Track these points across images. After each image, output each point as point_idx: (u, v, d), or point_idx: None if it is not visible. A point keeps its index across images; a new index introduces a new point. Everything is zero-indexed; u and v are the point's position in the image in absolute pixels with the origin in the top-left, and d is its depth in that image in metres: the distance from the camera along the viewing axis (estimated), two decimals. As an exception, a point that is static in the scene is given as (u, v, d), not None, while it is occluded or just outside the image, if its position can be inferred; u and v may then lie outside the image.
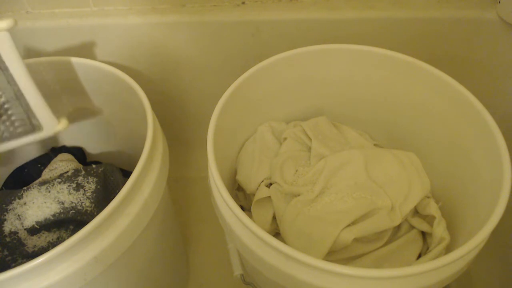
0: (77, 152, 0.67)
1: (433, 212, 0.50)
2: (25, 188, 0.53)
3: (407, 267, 0.34)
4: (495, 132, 0.44)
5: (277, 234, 0.53)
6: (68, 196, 0.51)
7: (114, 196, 0.41)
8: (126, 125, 0.64)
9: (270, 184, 0.55)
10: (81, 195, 0.52)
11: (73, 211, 0.50)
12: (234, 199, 0.41)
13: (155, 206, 0.48)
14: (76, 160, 0.62)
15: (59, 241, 0.50)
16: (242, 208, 0.58)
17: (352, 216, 0.48)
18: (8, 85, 0.43)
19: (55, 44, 0.66)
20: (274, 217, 0.53)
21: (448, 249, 0.48)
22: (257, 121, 0.61)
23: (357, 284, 0.36)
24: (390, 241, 0.51)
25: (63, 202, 0.51)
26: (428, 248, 0.50)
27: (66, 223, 0.51)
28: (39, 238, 0.50)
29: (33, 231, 0.50)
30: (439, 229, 0.49)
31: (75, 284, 0.41)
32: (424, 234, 0.52)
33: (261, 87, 0.56)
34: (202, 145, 0.47)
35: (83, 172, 0.54)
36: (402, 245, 0.50)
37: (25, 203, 0.51)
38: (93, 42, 0.66)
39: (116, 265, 0.44)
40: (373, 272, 0.35)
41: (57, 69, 0.57)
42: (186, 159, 0.88)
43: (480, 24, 0.62)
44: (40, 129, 0.48)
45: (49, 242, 0.50)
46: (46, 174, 0.58)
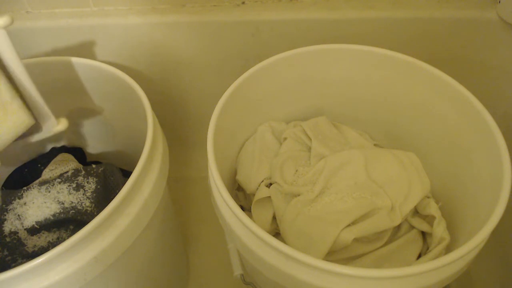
0: (77, 152, 0.67)
1: (433, 212, 0.50)
2: (25, 188, 0.53)
3: (407, 267, 0.34)
4: (495, 132, 0.44)
5: (277, 234, 0.53)
6: (68, 196, 0.51)
7: (114, 196, 0.41)
8: (126, 125, 0.64)
9: (270, 184, 0.55)
10: (81, 195, 0.52)
11: (73, 211, 0.50)
12: (234, 199, 0.41)
13: (155, 206, 0.48)
14: (76, 160, 0.62)
15: (59, 241, 0.50)
16: (242, 208, 0.58)
17: (352, 216, 0.48)
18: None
19: (55, 44, 0.66)
20: (274, 217, 0.53)
21: (448, 249, 0.48)
22: (257, 121, 0.61)
23: (357, 284, 0.36)
24: (390, 241, 0.51)
25: (63, 202, 0.51)
26: (428, 248, 0.50)
27: (66, 223, 0.51)
28: (39, 238, 0.50)
29: (33, 231, 0.50)
30: (439, 229, 0.49)
31: (75, 284, 0.41)
32: (424, 234, 0.52)
33: (261, 87, 0.56)
34: (202, 145, 0.47)
35: (83, 172, 0.54)
36: (402, 245, 0.50)
37: (25, 203, 0.51)
38: (93, 42, 0.66)
39: (116, 265, 0.44)
40: (373, 272, 0.35)
41: (57, 69, 0.57)
42: (186, 159, 0.88)
43: (480, 24, 0.62)
44: (39, 130, 0.47)
45: (49, 242, 0.50)
46: (46, 174, 0.58)
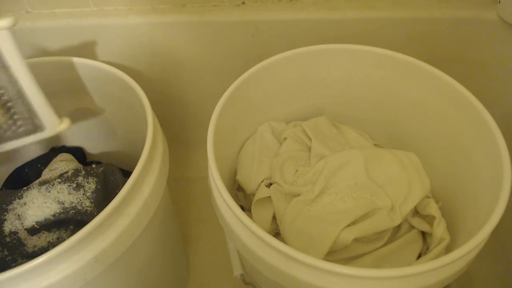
0: (77, 152, 0.67)
1: (433, 212, 0.50)
2: (25, 188, 0.53)
3: (407, 267, 0.34)
4: (495, 132, 0.44)
5: (277, 234, 0.53)
6: (68, 196, 0.51)
7: (114, 196, 0.41)
8: (126, 125, 0.64)
9: (270, 184, 0.55)
10: (81, 195, 0.52)
11: (73, 211, 0.50)
12: (234, 199, 0.41)
13: (155, 206, 0.48)
14: (76, 160, 0.62)
15: (59, 241, 0.50)
16: (242, 208, 0.58)
17: (352, 216, 0.48)
18: (10, 85, 0.43)
19: (55, 44, 0.66)
20: (274, 217, 0.53)
21: (448, 249, 0.48)
22: (257, 121, 0.61)
23: (357, 284, 0.36)
24: (390, 241, 0.51)
25: (63, 202, 0.51)
26: (428, 248, 0.50)
27: (66, 223, 0.51)
28: (39, 238, 0.50)
29: (33, 231, 0.50)
30: (439, 229, 0.49)
31: (75, 284, 0.41)
32: (424, 234, 0.52)
33: (261, 87, 0.56)
34: (202, 145, 0.47)
35: (83, 172, 0.54)
36: (402, 245, 0.50)
37: (25, 203, 0.51)
38: (93, 42, 0.66)
39: (116, 265, 0.44)
40: (373, 272, 0.35)
41: (57, 69, 0.57)
42: (186, 159, 0.88)
43: (480, 24, 0.62)
44: (42, 129, 0.48)
45: (49, 242, 0.50)
46: (46, 174, 0.57)
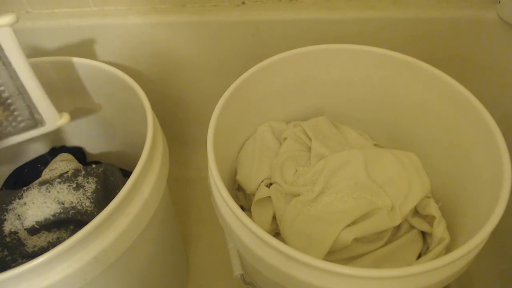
0: (77, 152, 0.67)
1: (433, 212, 0.50)
2: (25, 188, 0.53)
3: (407, 267, 0.34)
4: (495, 132, 0.44)
5: (277, 234, 0.53)
6: (68, 196, 0.51)
7: (114, 196, 0.41)
8: (126, 125, 0.64)
9: (270, 184, 0.55)
10: (81, 195, 0.52)
11: (73, 211, 0.50)
12: (234, 199, 0.41)
13: (155, 206, 0.48)
14: (76, 160, 0.62)
15: (59, 241, 0.50)
16: (242, 208, 0.58)
17: (352, 216, 0.48)
18: (11, 80, 0.43)
19: (55, 44, 0.66)
20: (274, 217, 0.53)
21: (448, 249, 0.48)
22: (257, 121, 0.61)
23: (357, 284, 0.36)
24: (390, 241, 0.51)
25: (63, 202, 0.51)
26: (428, 248, 0.50)
27: (66, 223, 0.51)
28: (39, 238, 0.50)
29: (33, 231, 0.50)
30: (439, 229, 0.49)
31: (75, 284, 0.41)
32: (424, 234, 0.52)
33: (261, 87, 0.56)
34: (202, 145, 0.47)
35: (83, 172, 0.54)
36: (402, 245, 0.50)
37: (25, 203, 0.51)
38: (93, 42, 0.66)
39: (116, 265, 0.44)
40: (373, 272, 0.35)
41: (57, 69, 0.57)
42: (186, 159, 0.88)
43: (480, 24, 0.62)
44: (43, 124, 0.48)
45: (49, 242, 0.50)
46: (46, 174, 0.57)
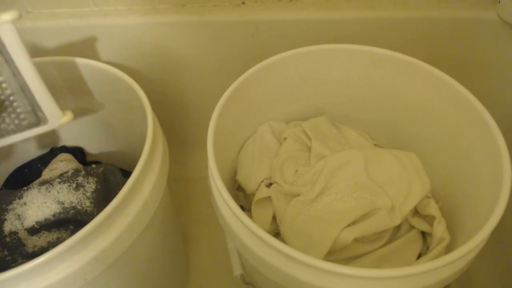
0: (77, 152, 0.67)
1: (433, 212, 0.50)
2: (25, 188, 0.53)
3: (407, 267, 0.34)
4: (495, 132, 0.44)
5: (277, 234, 0.53)
6: (68, 196, 0.51)
7: (114, 196, 0.41)
8: (126, 125, 0.63)
9: (270, 184, 0.55)
10: (81, 195, 0.52)
11: (73, 211, 0.50)
12: (234, 199, 0.41)
13: (155, 206, 0.48)
14: (76, 160, 0.62)
15: (59, 241, 0.50)
16: (242, 208, 0.58)
17: (352, 216, 0.48)
18: (14, 78, 0.43)
19: (55, 44, 0.66)
20: (274, 217, 0.53)
21: (448, 249, 0.48)
22: (257, 121, 0.61)
23: (357, 284, 0.36)
24: (390, 241, 0.51)
25: (63, 202, 0.51)
26: (428, 248, 0.50)
27: (66, 223, 0.51)
28: (39, 238, 0.50)
29: (33, 231, 0.50)
30: (439, 229, 0.49)
31: (75, 284, 0.41)
32: (424, 234, 0.52)
33: (261, 87, 0.56)
34: (202, 145, 0.47)
35: (83, 172, 0.54)
36: (402, 245, 0.50)
37: (25, 203, 0.51)
38: (93, 42, 0.66)
39: (116, 265, 0.44)
40: (373, 272, 0.35)
41: (57, 69, 0.57)
42: (186, 159, 0.88)
43: (480, 24, 0.62)
44: (46, 122, 0.48)
45: (49, 242, 0.50)
46: (46, 174, 0.57)
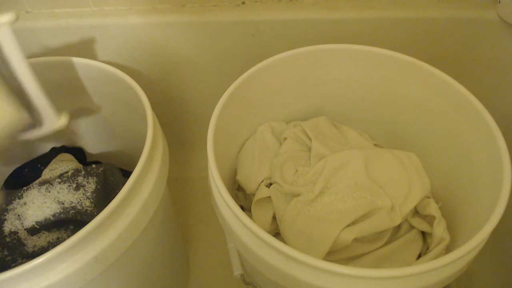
0: (77, 152, 0.67)
1: (433, 212, 0.50)
2: (25, 188, 0.53)
3: (407, 267, 0.34)
4: (495, 132, 0.44)
5: (277, 234, 0.53)
6: (68, 196, 0.51)
7: (114, 196, 0.41)
8: (126, 125, 0.64)
9: (270, 184, 0.55)
10: (81, 195, 0.52)
11: (73, 211, 0.50)
12: (234, 199, 0.41)
13: (155, 206, 0.48)
14: (76, 160, 0.62)
15: (59, 241, 0.50)
16: (242, 208, 0.58)
17: (352, 216, 0.48)
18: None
19: (55, 44, 0.66)
20: (274, 217, 0.53)
21: (448, 249, 0.48)
22: (257, 121, 0.61)
23: (357, 284, 0.36)
24: (390, 241, 0.51)
25: (63, 202, 0.51)
26: (428, 248, 0.50)
27: (66, 223, 0.51)
28: (39, 238, 0.50)
29: (33, 231, 0.50)
30: (439, 229, 0.49)
31: (75, 284, 0.41)
32: (424, 234, 0.52)
33: (261, 87, 0.56)
34: (202, 145, 0.47)
35: (83, 172, 0.54)
36: (402, 245, 0.50)
37: (25, 203, 0.51)
38: (93, 42, 0.66)
39: (116, 265, 0.44)
40: (373, 272, 0.35)
41: (57, 69, 0.57)
42: (186, 159, 0.88)
43: (480, 24, 0.62)
44: (42, 125, 0.48)
45: (49, 242, 0.50)
46: (46, 174, 0.57)
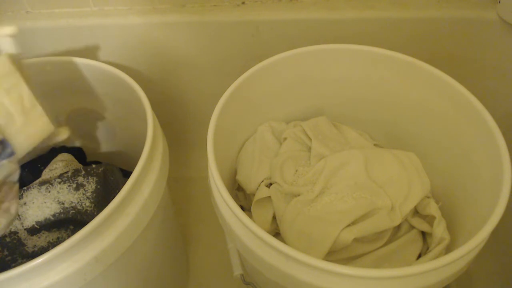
0: (77, 152, 0.67)
1: (433, 212, 0.50)
2: (25, 188, 0.53)
3: (407, 267, 0.34)
4: (495, 132, 0.44)
5: (277, 234, 0.53)
6: (68, 196, 0.51)
7: (114, 196, 0.42)
8: (126, 125, 0.64)
9: (270, 184, 0.55)
10: (81, 195, 0.52)
11: (73, 211, 0.50)
12: (234, 199, 0.41)
13: (155, 206, 0.48)
14: (76, 160, 0.62)
15: (59, 241, 0.50)
16: (242, 208, 0.58)
17: (352, 216, 0.48)
18: None
19: (55, 44, 0.66)
20: (274, 217, 0.53)
21: (448, 249, 0.48)
22: (257, 121, 0.61)
23: (357, 284, 0.36)
24: (390, 241, 0.51)
25: (63, 202, 0.51)
26: (428, 248, 0.50)
27: (66, 223, 0.51)
28: (39, 238, 0.50)
29: (33, 231, 0.50)
30: (439, 229, 0.49)
31: (75, 284, 0.41)
32: (424, 234, 0.52)
33: (261, 87, 0.56)
34: (202, 145, 0.47)
35: (83, 172, 0.54)
36: (402, 245, 0.50)
37: (25, 203, 0.51)
38: (93, 42, 0.66)
39: (116, 265, 0.44)
40: (373, 272, 0.35)
41: (57, 69, 0.57)
42: (186, 159, 0.88)
43: (480, 24, 0.62)
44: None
45: (49, 242, 0.50)
46: (46, 174, 0.57)
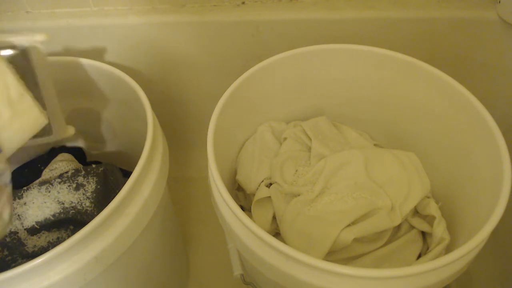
0: (77, 152, 0.67)
1: (433, 212, 0.50)
2: (25, 188, 0.53)
3: (407, 267, 0.34)
4: (495, 132, 0.44)
5: (277, 234, 0.53)
6: (68, 196, 0.51)
7: (114, 196, 0.42)
8: (126, 125, 0.63)
9: (270, 184, 0.55)
10: (81, 195, 0.52)
11: (73, 211, 0.50)
12: (234, 199, 0.41)
13: (155, 206, 0.48)
14: (76, 160, 0.62)
15: (59, 241, 0.50)
16: (242, 208, 0.58)
17: (352, 216, 0.48)
18: (32, 88, 0.44)
19: (55, 44, 0.66)
20: (274, 217, 0.53)
21: (448, 249, 0.48)
22: (257, 121, 0.61)
23: (357, 284, 0.36)
24: (390, 241, 0.51)
25: (63, 202, 0.51)
26: (428, 248, 0.50)
27: (66, 223, 0.51)
28: (39, 238, 0.50)
29: (33, 231, 0.50)
30: (439, 229, 0.49)
31: (75, 284, 0.41)
32: (424, 234, 0.52)
33: (261, 87, 0.56)
34: (202, 145, 0.47)
35: (83, 172, 0.54)
36: (402, 245, 0.50)
37: (25, 203, 0.51)
38: (93, 42, 0.66)
39: (116, 265, 0.44)
40: (373, 272, 0.35)
41: (57, 69, 0.57)
42: (186, 159, 0.88)
43: (480, 24, 0.62)
44: (50, 134, 0.48)
45: (49, 242, 0.50)
46: (46, 174, 0.57)
